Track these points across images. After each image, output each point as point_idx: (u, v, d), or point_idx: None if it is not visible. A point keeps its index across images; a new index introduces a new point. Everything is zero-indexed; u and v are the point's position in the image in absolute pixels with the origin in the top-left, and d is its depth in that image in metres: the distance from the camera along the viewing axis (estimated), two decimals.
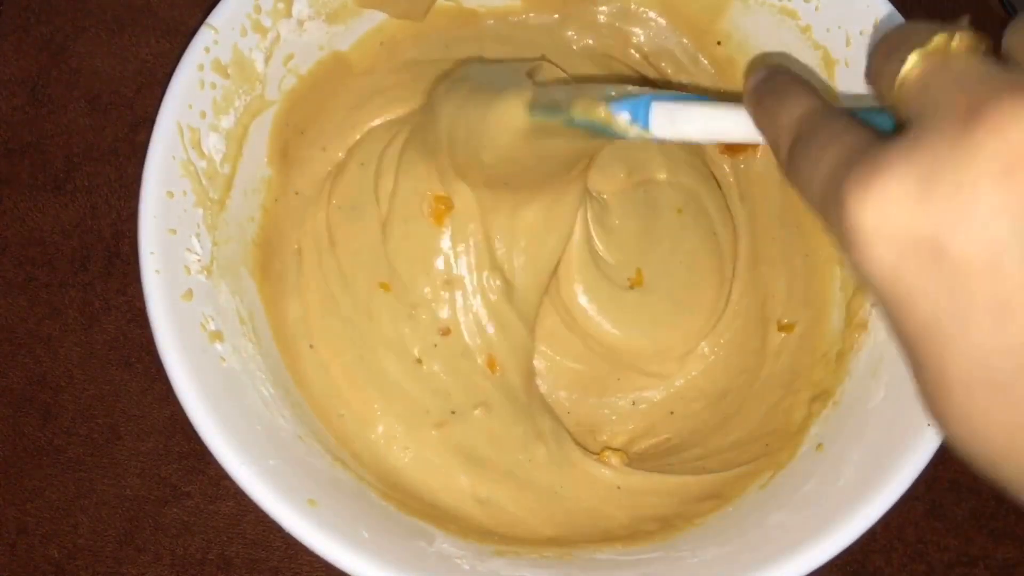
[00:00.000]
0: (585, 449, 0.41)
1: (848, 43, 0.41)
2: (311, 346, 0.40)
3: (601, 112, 0.30)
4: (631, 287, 0.42)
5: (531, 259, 0.40)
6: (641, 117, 0.29)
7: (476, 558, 0.35)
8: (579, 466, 0.40)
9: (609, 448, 0.41)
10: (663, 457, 0.42)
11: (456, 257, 0.40)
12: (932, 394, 0.20)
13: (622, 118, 0.30)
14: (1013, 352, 0.18)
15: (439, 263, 0.40)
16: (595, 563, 0.36)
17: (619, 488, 0.39)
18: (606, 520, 0.39)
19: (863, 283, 0.21)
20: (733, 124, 0.28)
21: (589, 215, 0.41)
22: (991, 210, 0.18)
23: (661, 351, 0.43)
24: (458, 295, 0.40)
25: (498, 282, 0.40)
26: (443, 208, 0.40)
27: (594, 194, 0.42)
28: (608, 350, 0.42)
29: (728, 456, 0.40)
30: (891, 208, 0.19)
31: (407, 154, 0.40)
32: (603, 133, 0.31)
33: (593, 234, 0.42)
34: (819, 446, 0.37)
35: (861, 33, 0.40)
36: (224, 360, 0.35)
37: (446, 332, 0.40)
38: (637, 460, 0.41)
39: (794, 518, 0.34)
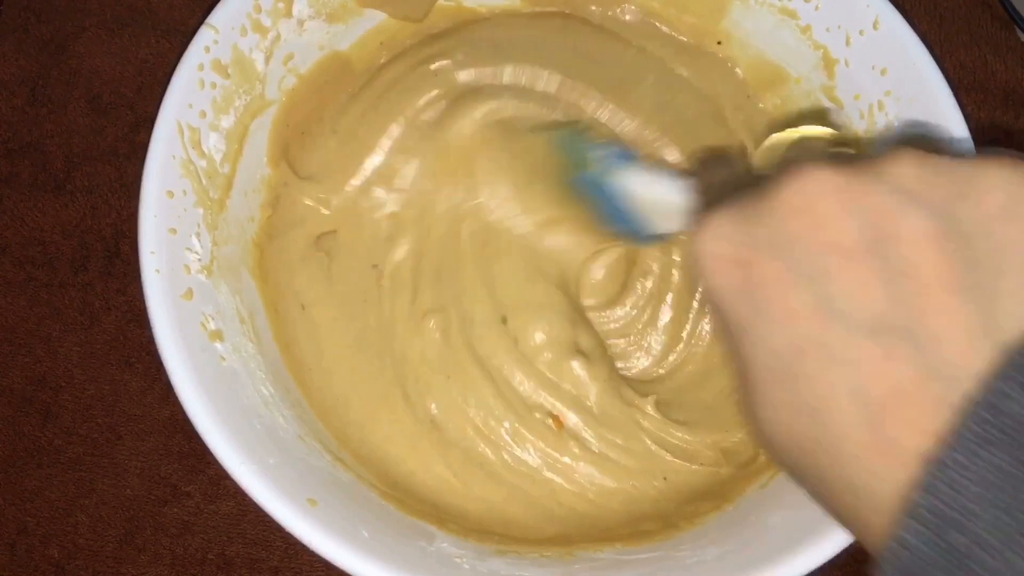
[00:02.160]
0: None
1: (848, 43, 0.41)
2: (311, 344, 0.40)
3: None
4: None
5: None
6: (613, 161, 0.36)
7: (476, 558, 0.35)
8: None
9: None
10: None
11: None
12: (743, 382, 0.26)
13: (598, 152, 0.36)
14: (794, 346, 0.24)
15: None
16: (595, 563, 0.36)
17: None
18: (606, 519, 0.39)
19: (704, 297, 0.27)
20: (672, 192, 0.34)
21: None
22: (780, 242, 0.24)
23: None
24: None
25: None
26: None
27: None
28: None
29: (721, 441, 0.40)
30: (716, 239, 0.26)
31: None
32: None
33: None
34: None
35: (861, 33, 0.40)
36: (224, 359, 0.35)
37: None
38: None
39: (794, 518, 0.34)
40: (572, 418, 0.39)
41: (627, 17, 0.45)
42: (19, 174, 0.47)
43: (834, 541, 0.32)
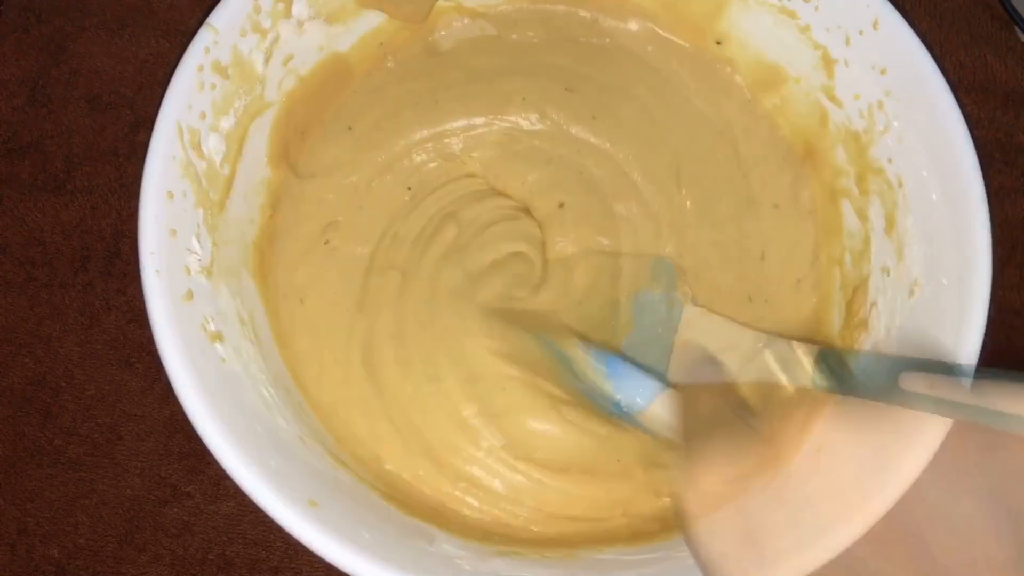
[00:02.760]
0: None
1: (848, 43, 0.41)
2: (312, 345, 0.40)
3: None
4: None
5: None
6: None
7: (477, 558, 0.35)
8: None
9: None
10: None
11: None
12: None
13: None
14: None
15: None
16: (596, 563, 0.36)
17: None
18: (606, 520, 0.39)
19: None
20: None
21: None
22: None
23: None
24: None
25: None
26: None
27: None
28: None
29: None
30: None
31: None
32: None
33: None
34: (820, 447, 0.37)
35: (861, 33, 0.40)
36: (225, 361, 0.35)
37: None
38: None
39: (794, 518, 0.34)
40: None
41: (627, 22, 0.45)
42: (19, 174, 0.47)
43: (834, 541, 0.32)
